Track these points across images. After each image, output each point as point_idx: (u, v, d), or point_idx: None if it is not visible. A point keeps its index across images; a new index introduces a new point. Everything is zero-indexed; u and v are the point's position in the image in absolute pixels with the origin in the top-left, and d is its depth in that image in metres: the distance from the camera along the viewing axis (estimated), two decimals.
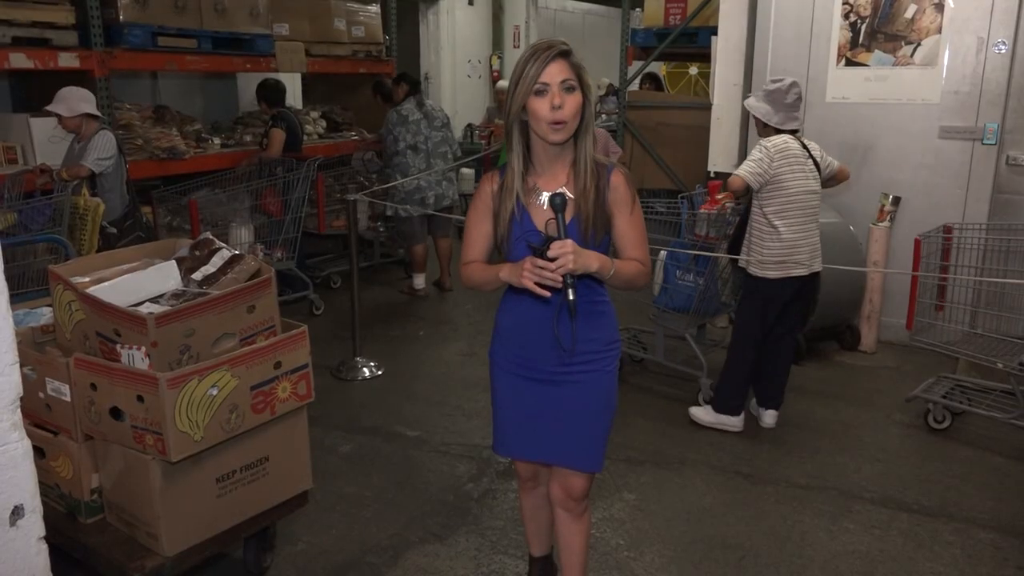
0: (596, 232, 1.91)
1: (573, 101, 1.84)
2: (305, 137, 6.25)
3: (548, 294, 1.80)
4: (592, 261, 1.81)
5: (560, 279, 1.77)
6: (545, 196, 1.92)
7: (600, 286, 1.99)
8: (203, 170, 5.37)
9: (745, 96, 5.19)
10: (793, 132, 3.42)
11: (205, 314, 2.22)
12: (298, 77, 7.43)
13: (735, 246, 3.61)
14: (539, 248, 1.79)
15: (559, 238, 1.79)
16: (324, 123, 6.76)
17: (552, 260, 1.76)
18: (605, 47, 9.79)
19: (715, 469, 3.29)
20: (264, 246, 5.12)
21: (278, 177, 5.24)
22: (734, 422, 3.60)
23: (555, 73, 1.82)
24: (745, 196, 3.48)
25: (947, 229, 3.72)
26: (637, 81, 7.22)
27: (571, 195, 1.91)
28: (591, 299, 1.97)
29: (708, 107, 5.54)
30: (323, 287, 5.87)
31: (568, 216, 1.89)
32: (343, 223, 5.95)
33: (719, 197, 3.84)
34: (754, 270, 3.44)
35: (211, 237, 2.55)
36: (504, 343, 2.07)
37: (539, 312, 1.97)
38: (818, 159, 3.45)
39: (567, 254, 1.76)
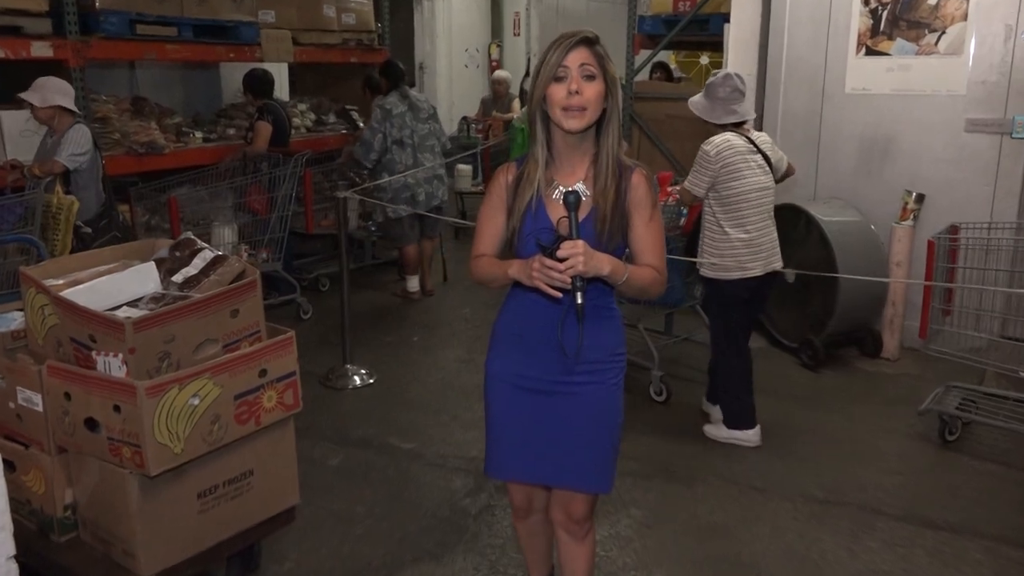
0: (612, 234, 1.91)
1: (592, 89, 1.86)
2: (292, 131, 6.26)
3: (559, 294, 1.81)
4: (604, 264, 1.82)
5: (568, 280, 1.78)
6: (561, 191, 1.93)
7: (609, 291, 1.98)
8: (184, 166, 5.37)
9: (760, 86, 5.21)
10: (738, 126, 3.50)
11: (186, 319, 2.22)
12: (285, 67, 7.45)
13: (693, 244, 3.67)
14: (549, 247, 1.80)
15: (571, 237, 1.80)
16: (312, 116, 6.77)
17: (562, 260, 1.77)
18: (610, 36, 9.80)
19: (727, 482, 3.28)
20: (249, 246, 5.12)
21: (264, 173, 5.24)
22: (749, 436, 3.61)
23: (575, 58, 1.85)
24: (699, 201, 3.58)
25: (953, 229, 3.71)
26: (647, 71, 7.23)
27: (588, 193, 1.93)
28: (597, 303, 1.97)
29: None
30: (311, 290, 5.87)
31: (583, 214, 1.90)
32: (332, 222, 5.95)
33: (670, 189, 3.88)
34: (707, 273, 3.50)
35: (192, 237, 2.54)
36: (502, 352, 2.07)
37: (541, 318, 1.97)
38: (768, 152, 3.52)
39: (577, 255, 1.76)
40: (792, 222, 4.61)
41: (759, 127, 5.24)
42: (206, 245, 2.52)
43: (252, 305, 2.38)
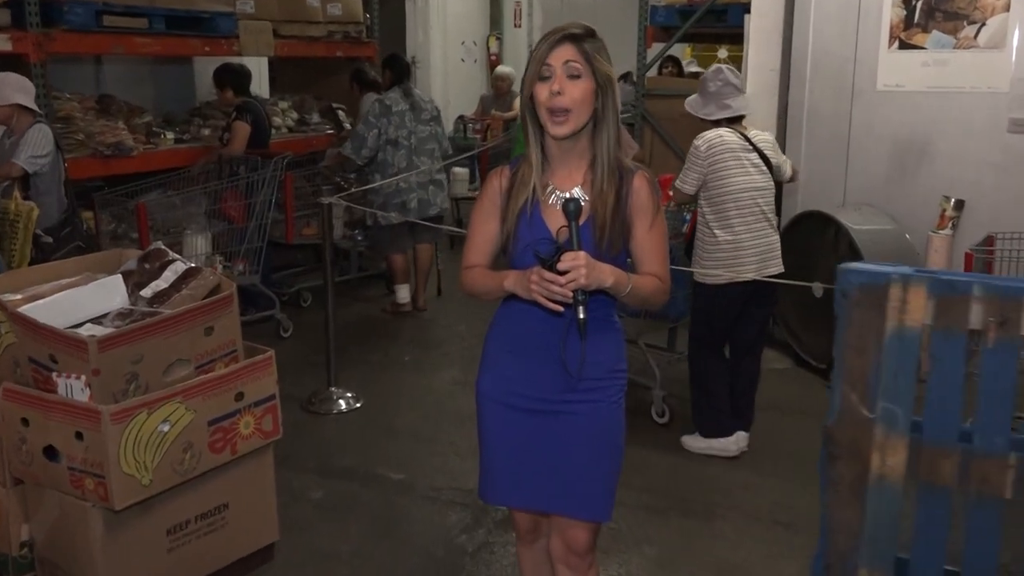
0: (612, 242, 1.94)
1: (577, 88, 1.89)
2: (273, 131, 6.27)
3: (560, 309, 1.84)
4: (607, 276, 1.86)
5: (570, 294, 1.81)
6: (558, 195, 1.97)
7: (611, 302, 2.01)
8: (154, 169, 5.40)
9: (784, 83, 5.24)
10: (732, 122, 3.58)
11: (155, 337, 2.22)
12: (264, 62, 7.48)
13: (691, 249, 3.76)
14: (548, 259, 1.83)
15: (571, 248, 1.83)
16: (295, 115, 6.80)
17: (562, 273, 1.80)
18: (621, 27, 9.85)
19: (749, 517, 3.28)
20: (224, 257, 5.12)
21: (241, 177, 5.26)
22: (725, 444, 3.71)
23: (559, 56, 1.88)
24: (694, 201, 3.67)
25: (989, 240, 3.72)
26: (656, 65, 7.26)
27: (587, 198, 1.96)
28: (597, 315, 1.99)
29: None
30: (292, 305, 5.88)
31: (581, 220, 1.92)
32: (314, 231, 5.96)
33: (672, 192, 3.96)
34: (696, 275, 3.60)
35: (163, 247, 2.56)
36: (494, 369, 2.08)
37: (536, 332, 1.99)
38: (767, 151, 3.59)
39: (579, 267, 1.80)
40: (819, 231, 4.62)
41: (782, 127, 5.26)
42: (178, 256, 2.53)
43: (228, 322, 2.39)
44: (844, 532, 2.57)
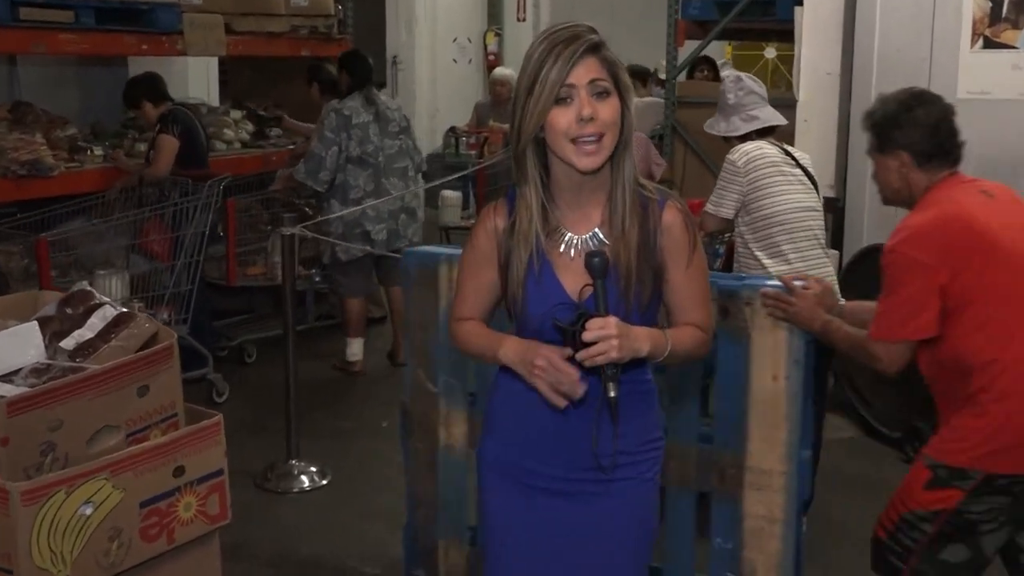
0: (641, 291, 1.94)
1: (607, 109, 1.88)
2: (224, 146, 6.29)
3: (564, 403, 1.86)
4: (642, 342, 1.86)
5: (579, 393, 1.84)
6: (575, 243, 1.96)
7: (643, 363, 2.00)
8: (77, 192, 5.41)
9: (845, 89, 5.28)
10: (762, 136, 3.63)
11: (78, 398, 2.23)
12: (214, 63, 7.54)
13: None
14: (570, 328, 1.83)
15: (598, 313, 1.83)
16: (250, 127, 6.82)
17: (588, 344, 1.79)
18: (644, 22, 9.98)
19: None
20: (144, 303, 5.05)
21: (166, 205, 5.21)
22: None
23: (583, 73, 1.86)
24: (730, 228, 3.69)
25: None
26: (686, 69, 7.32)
27: (607, 242, 1.95)
28: (628, 379, 1.97)
29: (791, 104, 5.61)
30: (233, 361, 5.85)
31: None
32: (260, 270, 5.95)
33: (702, 220, 4.01)
34: None
35: (88, 289, 2.58)
36: (501, 434, 2.08)
37: (550, 405, 1.97)
38: (810, 169, 3.63)
39: (610, 337, 1.79)
40: None
41: (843, 142, 5.30)
42: (106, 299, 2.55)
43: (166, 380, 2.40)
44: (423, 504, 3.22)
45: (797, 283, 2.71)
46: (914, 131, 2.72)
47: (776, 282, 2.75)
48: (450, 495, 3.16)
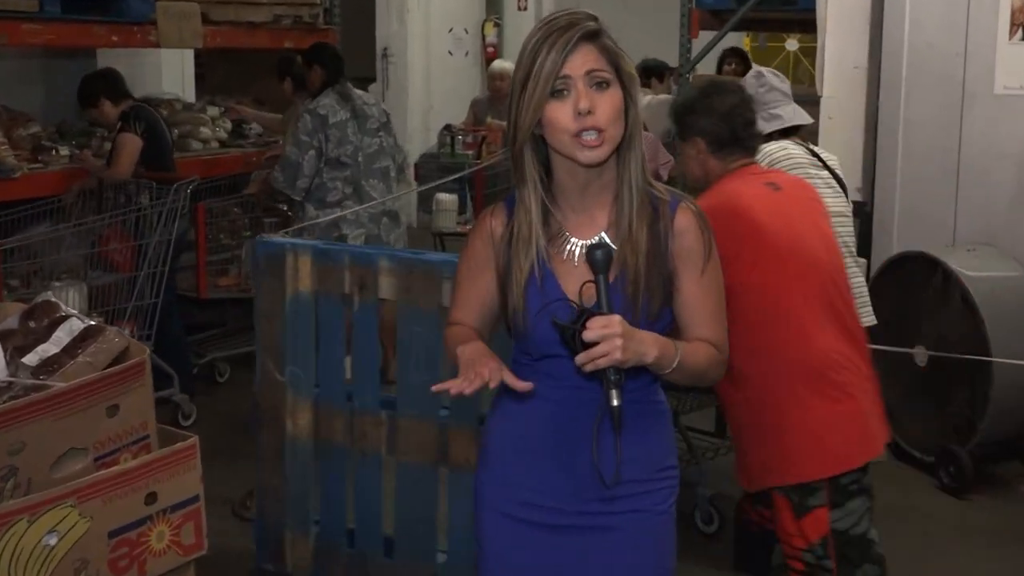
0: (650, 300, 1.92)
1: (609, 102, 1.87)
2: (200, 144, 6.28)
3: (527, 387, 1.83)
4: (648, 346, 1.82)
5: (478, 384, 1.78)
6: (577, 244, 1.95)
7: (651, 377, 1.99)
8: (41, 195, 5.40)
9: (873, 86, 5.28)
10: (785, 137, 3.64)
11: (42, 419, 2.22)
12: (190, 56, 7.54)
13: None
14: (570, 327, 1.79)
15: (601, 311, 1.80)
16: (227, 124, 6.81)
17: (589, 345, 1.76)
18: (655, 13, 10.00)
19: None
20: (103, 318, 5.04)
21: (129, 210, 5.18)
22: None
23: (579, 63, 1.86)
24: None
25: None
26: (712, 60, 7.31)
27: (615, 245, 1.93)
28: (636, 397, 1.97)
29: (815, 101, 5.62)
30: (204, 380, 5.84)
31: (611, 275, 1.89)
32: (233, 281, 5.92)
33: None
34: None
35: (54, 300, 2.57)
36: (498, 469, 2.07)
37: (552, 423, 1.98)
38: (838, 171, 3.67)
39: (614, 336, 1.75)
40: (922, 279, 4.63)
41: (871, 141, 5.30)
42: (73, 312, 2.55)
43: (138, 399, 2.39)
44: (272, 497, 3.46)
45: None
46: (709, 118, 2.92)
47: None
48: (297, 487, 3.40)
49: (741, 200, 2.88)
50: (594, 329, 1.75)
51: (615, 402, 1.79)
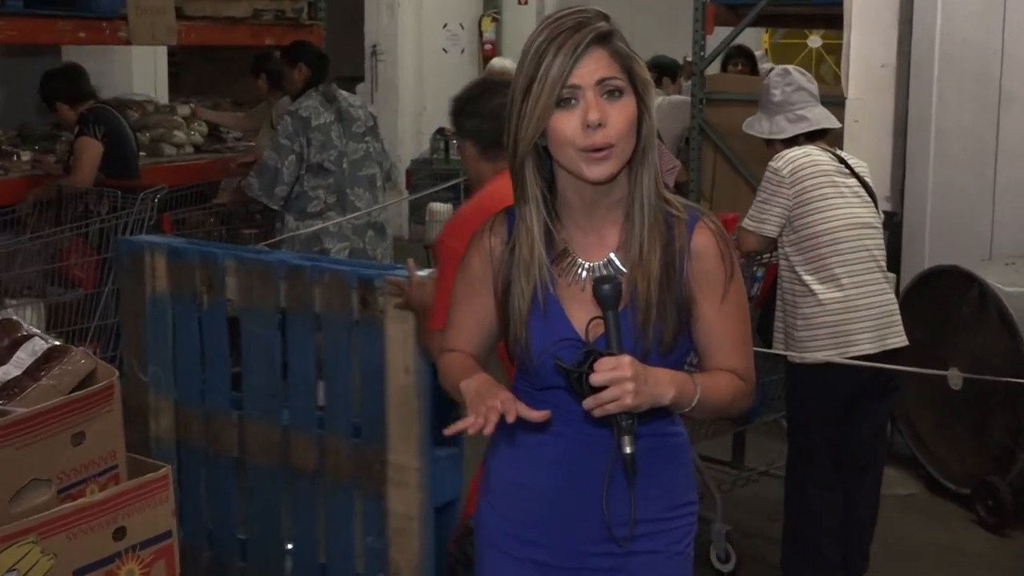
0: (662, 330, 1.88)
1: (621, 112, 1.82)
2: (175, 149, 6.30)
3: (543, 416, 1.80)
4: (664, 386, 1.79)
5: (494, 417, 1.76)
6: (584, 267, 1.92)
7: (665, 410, 1.95)
8: (1, 203, 5.42)
9: (902, 85, 5.29)
10: (812, 140, 3.67)
11: (2, 447, 2.22)
12: (163, 54, 7.56)
13: (766, 321, 3.79)
14: (575, 370, 1.75)
15: (610, 351, 1.76)
16: (203, 128, 6.82)
17: (598, 389, 1.72)
18: (667, 7, 10.04)
19: None
20: (64, 339, 5.03)
21: (91, 222, 5.17)
22: None
23: (590, 71, 1.81)
24: (772, 248, 3.73)
25: None
26: (719, 60, 7.35)
27: (624, 269, 1.90)
28: (653, 431, 1.96)
29: (840, 102, 5.63)
30: None
31: (620, 305, 1.85)
32: None
33: (738, 238, 4.05)
34: (792, 356, 3.61)
35: (15, 318, 2.57)
36: (499, 503, 2.07)
37: (560, 464, 1.98)
38: (867, 179, 3.68)
39: (623, 380, 1.71)
40: (956, 295, 4.64)
41: (900, 146, 5.31)
42: (36, 331, 2.54)
43: (106, 426, 2.39)
44: None
45: (420, 273, 2.89)
46: (476, 120, 3.01)
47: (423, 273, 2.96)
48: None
49: (505, 202, 2.88)
50: (602, 372, 1.72)
51: (627, 449, 1.76)
